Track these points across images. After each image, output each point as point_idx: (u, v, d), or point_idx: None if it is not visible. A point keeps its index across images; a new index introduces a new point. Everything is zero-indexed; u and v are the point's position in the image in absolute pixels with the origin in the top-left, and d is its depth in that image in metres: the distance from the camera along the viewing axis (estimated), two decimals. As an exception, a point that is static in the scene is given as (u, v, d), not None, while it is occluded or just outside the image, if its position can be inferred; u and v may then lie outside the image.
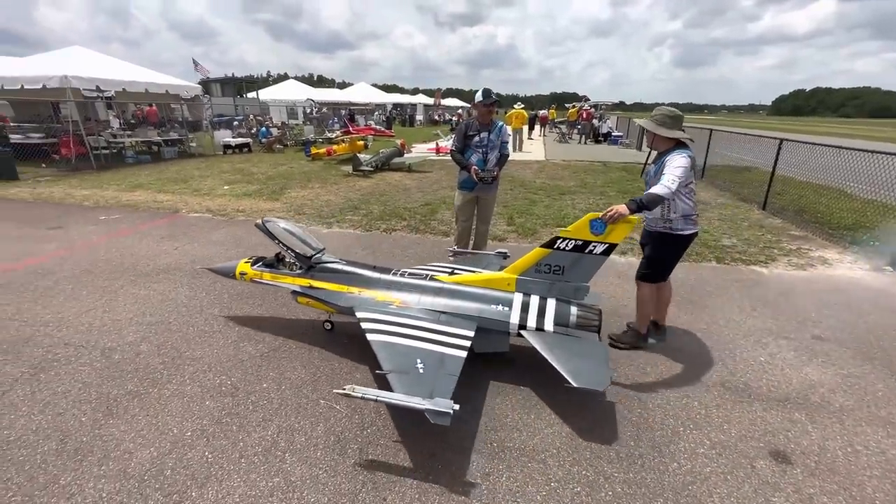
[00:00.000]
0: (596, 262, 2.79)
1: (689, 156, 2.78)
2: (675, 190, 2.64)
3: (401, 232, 6.11)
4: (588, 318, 2.74)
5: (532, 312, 2.78)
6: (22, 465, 2.10)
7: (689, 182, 2.85)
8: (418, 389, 2.17)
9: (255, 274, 3.34)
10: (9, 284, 4.17)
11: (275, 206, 7.41)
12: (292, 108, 28.31)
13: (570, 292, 2.85)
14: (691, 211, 2.93)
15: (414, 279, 3.09)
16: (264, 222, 3.32)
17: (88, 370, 2.85)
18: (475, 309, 2.85)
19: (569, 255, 2.79)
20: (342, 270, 3.17)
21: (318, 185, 9.54)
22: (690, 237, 3.00)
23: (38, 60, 12.82)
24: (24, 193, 8.31)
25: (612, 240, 2.72)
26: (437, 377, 2.29)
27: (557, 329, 2.74)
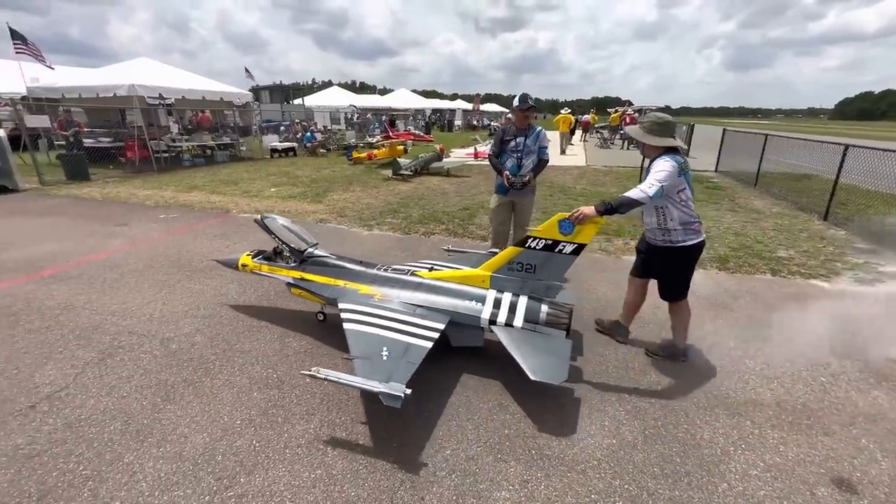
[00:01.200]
0: (566, 261, 2.87)
1: (675, 161, 2.70)
2: (651, 195, 2.59)
3: (439, 235, 6.16)
4: (558, 315, 2.80)
5: (503, 309, 2.87)
6: (91, 443, 2.28)
7: (681, 189, 2.76)
8: (377, 374, 2.30)
9: (254, 266, 3.55)
10: (81, 276, 4.54)
11: (318, 209, 7.66)
12: (335, 114, 29.21)
13: (541, 290, 2.92)
14: (690, 219, 2.81)
15: (396, 274, 3.22)
16: (263, 218, 3.54)
17: (149, 358, 3.06)
18: (449, 304, 2.97)
19: (540, 254, 2.87)
20: (331, 264, 3.36)
21: (359, 188, 9.78)
22: (695, 247, 2.87)
23: (109, 71, 13.95)
24: (95, 193, 9.02)
25: (580, 240, 2.79)
26: (397, 364, 2.41)
27: (527, 325, 2.80)
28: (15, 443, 2.27)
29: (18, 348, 3.15)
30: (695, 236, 2.85)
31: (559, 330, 2.79)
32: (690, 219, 2.81)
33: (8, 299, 3.96)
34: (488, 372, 2.94)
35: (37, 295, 4.06)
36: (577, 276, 4.64)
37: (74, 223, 6.66)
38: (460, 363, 3.03)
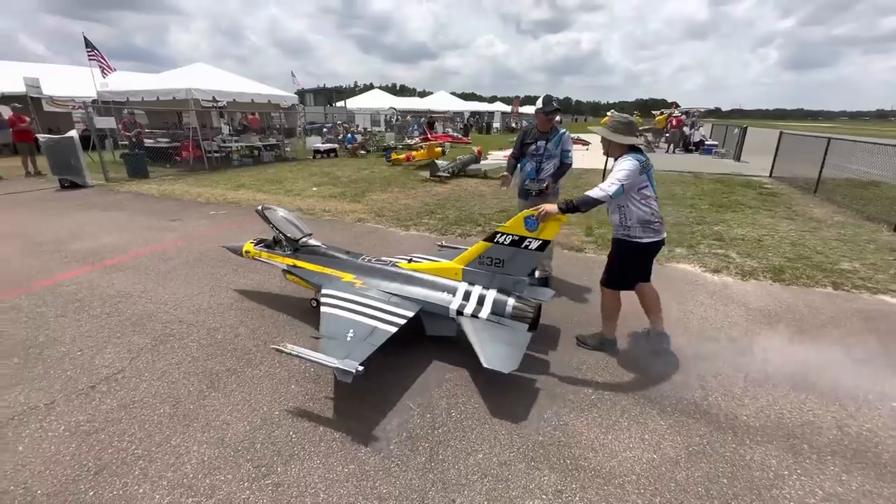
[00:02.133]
0: (532, 256, 2.96)
1: (637, 160, 2.76)
2: (612, 193, 2.66)
3: (475, 237, 6.13)
4: (523, 309, 2.90)
5: (472, 301, 2.98)
6: (143, 423, 2.42)
7: (643, 187, 2.81)
8: (337, 352, 2.45)
9: (255, 253, 3.83)
10: (138, 267, 4.85)
11: (357, 208, 7.82)
12: (375, 116, 29.85)
13: (509, 284, 3.03)
14: (649, 218, 2.84)
15: (377, 264, 3.41)
16: (263, 209, 3.80)
17: (197, 346, 3.22)
18: (421, 294, 3.11)
19: (507, 250, 2.99)
20: (321, 253, 3.59)
21: (398, 189, 9.91)
22: (650, 245, 2.90)
23: (169, 76, 14.86)
24: (153, 189, 9.63)
25: (544, 236, 2.90)
26: (358, 345, 2.56)
27: (492, 317, 2.90)
28: (77, 419, 2.44)
29: (83, 332, 3.40)
30: (653, 235, 2.88)
31: (523, 323, 2.87)
32: (651, 217, 2.84)
33: (75, 286, 4.28)
34: (524, 377, 2.88)
35: (100, 283, 4.37)
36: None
37: (133, 217, 7.13)
38: (494, 366, 2.99)
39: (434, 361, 3.05)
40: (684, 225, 6.71)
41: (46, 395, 2.65)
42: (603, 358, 3.12)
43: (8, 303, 3.90)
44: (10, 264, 4.90)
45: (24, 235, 6.07)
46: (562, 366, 3.03)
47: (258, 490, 2.02)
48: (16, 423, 2.40)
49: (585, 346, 3.26)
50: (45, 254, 5.28)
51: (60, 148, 9.71)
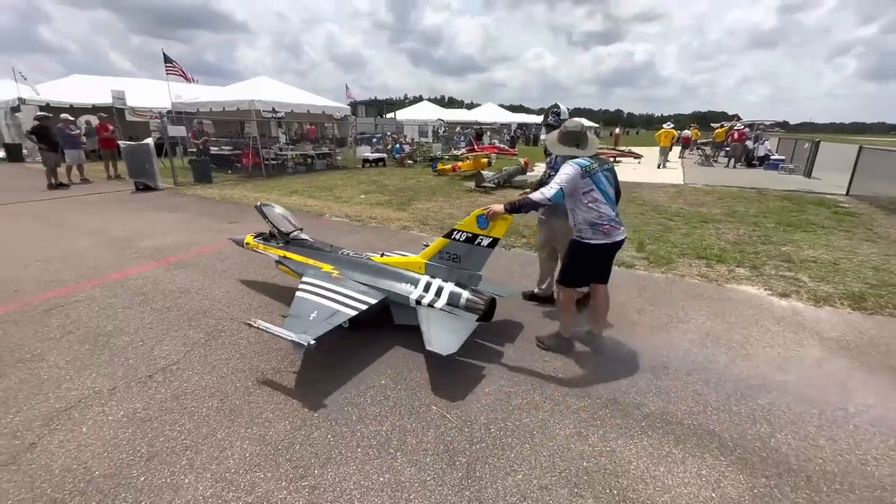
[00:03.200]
0: (484, 253, 3.17)
1: (578, 165, 2.84)
2: (550, 197, 2.76)
3: (519, 249, 6.02)
4: (475, 302, 3.10)
5: (431, 292, 3.19)
6: (192, 415, 2.52)
7: (587, 190, 2.87)
8: (296, 328, 2.73)
9: (254, 244, 4.21)
10: (197, 265, 5.15)
11: (402, 216, 7.93)
12: (423, 127, 30.41)
13: (465, 278, 3.25)
14: (596, 221, 2.90)
15: (353, 257, 3.72)
16: (261, 205, 4.17)
17: (245, 344, 3.33)
18: (387, 284, 3.38)
19: (463, 246, 3.19)
20: (308, 246, 3.93)
21: (443, 198, 9.97)
22: (599, 247, 2.96)
23: (235, 88, 15.91)
24: (214, 193, 10.27)
25: (494, 234, 3.09)
26: (318, 323, 2.82)
27: (446, 308, 3.11)
28: (134, 406, 2.58)
29: (145, 324, 3.63)
30: (602, 237, 2.93)
31: (473, 314, 3.07)
32: (598, 220, 2.89)
33: (141, 281, 4.60)
34: (566, 394, 2.75)
35: (163, 279, 4.68)
36: (671, 302, 4.21)
37: (196, 219, 7.62)
38: (537, 382, 2.87)
39: (474, 375, 2.98)
40: (746, 244, 6.24)
41: (110, 381, 2.83)
42: (654, 382, 2.92)
43: (86, 293, 4.25)
44: (88, 257, 5.36)
45: (103, 232, 6.64)
46: (609, 389, 2.86)
47: (295, 491, 2.03)
48: (82, 406, 2.58)
49: (542, 347, 3.30)
50: (118, 249, 5.74)
51: (137, 154, 10.61)
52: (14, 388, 2.75)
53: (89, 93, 17.97)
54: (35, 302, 4.02)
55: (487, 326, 3.41)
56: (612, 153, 20.65)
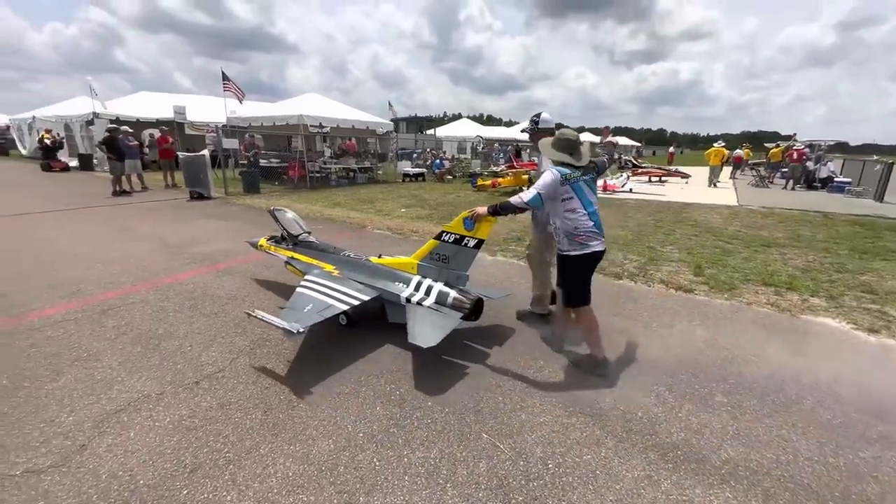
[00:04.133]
0: (470, 254, 3.26)
1: (558, 172, 2.84)
2: (527, 201, 2.84)
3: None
4: (461, 301, 3.18)
5: (421, 291, 3.29)
6: (236, 426, 2.45)
7: (566, 198, 2.86)
8: (289, 318, 2.93)
9: (266, 246, 4.48)
10: (245, 272, 5.23)
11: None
12: (462, 144, 30.63)
13: (453, 278, 3.33)
14: (572, 231, 2.88)
15: (353, 258, 3.91)
16: (274, 210, 4.49)
17: (290, 353, 3.28)
18: (381, 283, 3.53)
19: (451, 247, 3.29)
20: (314, 247, 4.18)
21: (501, 220, 9.84)
22: (578, 259, 2.92)
23: (285, 104, 16.60)
24: (262, 203, 10.61)
25: (479, 235, 3.20)
26: (310, 315, 3.01)
27: (433, 306, 3.20)
28: (180, 413, 2.55)
29: (194, 329, 3.66)
30: (579, 248, 2.89)
31: (457, 312, 3.14)
32: (575, 230, 2.86)
33: (191, 286, 4.71)
34: (630, 430, 2.49)
35: (212, 284, 4.76)
36: (739, 332, 3.84)
37: (244, 227, 7.83)
38: (595, 413, 2.63)
39: (525, 402, 2.77)
40: (818, 271, 5.70)
41: (158, 385, 2.83)
42: (730, 423, 2.60)
43: (140, 295, 4.38)
44: (144, 261, 5.56)
45: (158, 237, 6.93)
46: (678, 427, 2.57)
47: (339, 519, 1.89)
48: (131, 410, 2.57)
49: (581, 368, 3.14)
50: (172, 254, 5.95)
51: (194, 164, 11.18)
52: (70, 386, 2.79)
53: (154, 108, 19.27)
54: (94, 302, 4.17)
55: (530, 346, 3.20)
56: (657, 172, 19.94)
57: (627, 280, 5.31)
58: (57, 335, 3.47)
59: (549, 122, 3.83)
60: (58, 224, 7.85)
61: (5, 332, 3.50)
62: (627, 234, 7.82)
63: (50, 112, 21.47)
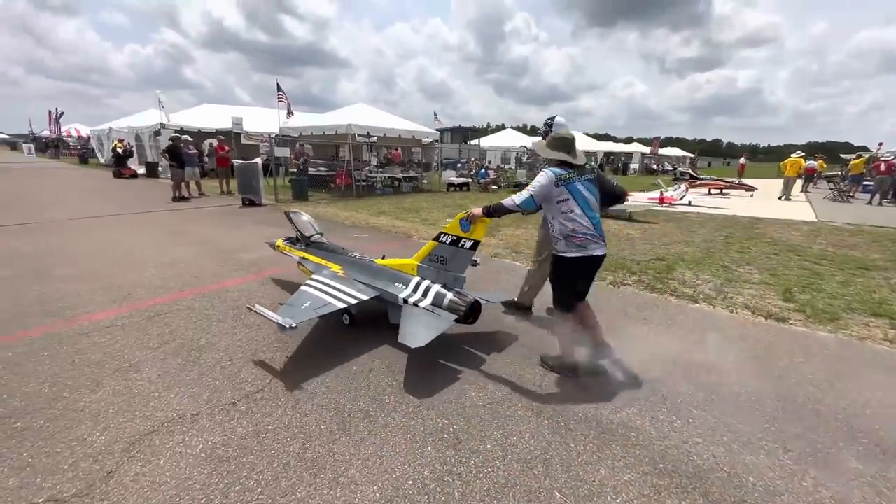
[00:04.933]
0: (466, 255, 3.23)
1: (553, 173, 2.77)
2: (519, 203, 2.81)
3: (631, 287, 5.21)
4: (457, 303, 3.12)
5: (419, 292, 3.27)
6: (272, 461, 2.18)
7: (562, 200, 2.78)
8: (286, 313, 2.97)
9: (283, 247, 4.63)
10: (289, 280, 5.09)
11: (492, 242, 7.47)
12: (506, 154, 30.28)
13: (451, 280, 3.29)
14: (570, 233, 2.78)
15: (358, 259, 3.96)
16: (290, 212, 4.72)
17: (332, 377, 2.99)
18: (381, 284, 3.54)
19: (449, 248, 3.27)
20: (323, 248, 4.27)
21: (532, 225, 9.37)
22: (575, 261, 2.82)
23: (334, 114, 16.93)
24: (309, 210, 10.66)
25: (475, 237, 3.16)
26: (306, 311, 3.08)
27: (429, 307, 3.16)
28: (214, 440, 2.32)
29: (236, 341, 3.49)
30: (577, 250, 2.80)
31: (452, 314, 3.09)
32: (571, 232, 2.77)
33: (236, 293, 4.60)
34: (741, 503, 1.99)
35: (257, 293, 4.64)
36: (855, 373, 3.18)
37: (291, 234, 7.82)
38: (689, 473, 2.14)
39: (605, 450, 2.33)
40: None
41: (194, 404, 2.63)
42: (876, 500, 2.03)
43: (187, 302, 4.31)
44: (193, 266, 5.57)
45: (210, 241, 7.02)
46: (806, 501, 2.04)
47: None
48: (164, 432, 2.37)
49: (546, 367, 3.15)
50: (220, 259, 5.95)
51: (247, 171, 11.49)
52: (107, 400, 2.65)
53: (215, 119, 20.30)
54: (142, 307, 4.13)
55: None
56: (718, 184, 18.61)
57: (704, 304, 4.69)
58: (103, 341, 3.40)
59: (563, 124, 3.69)
60: (121, 227, 8.19)
61: (57, 336, 3.47)
62: (695, 252, 7.10)
63: (124, 123, 23.20)
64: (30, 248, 6.29)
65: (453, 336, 3.61)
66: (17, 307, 4.04)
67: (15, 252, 6.07)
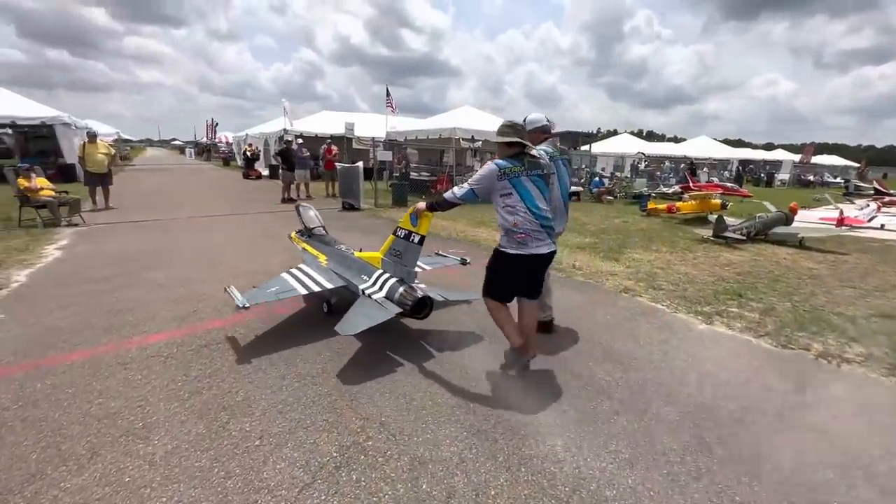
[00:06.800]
0: (415, 249, 3.25)
1: (496, 165, 2.70)
2: (459, 196, 2.83)
3: (854, 367, 3.34)
4: (405, 297, 3.16)
5: (377, 284, 3.37)
6: None
7: (504, 193, 2.70)
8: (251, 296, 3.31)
9: (295, 238, 4.85)
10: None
11: (616, 270, 5.91)
12: (619, 161, 27.64)
13: (404, 274, 3.33)
14: (511, 228, 2.70)
15: (341, 251, 4.16)
16: (298, 206, 4.99)
17: (391, 489, 1.96)
18: (349, 274, 3.72)
19: (402, 242, 3.32)
20: (319, 240, 4.55)
21: (665, 248, 7.52)
22: (515, 258, 2.73)
23: (439, 118, 16.46)
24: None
25: (421, 231, 3.17)
26: (268, 294, 3.37)
27: (380, 299, 3.24)
28: None
29: (275, 402, 2.61)
30: (516, 247, 2.72)
31: (398, 307, 3.11)
32: (512, 227, 2.69)
33: (301, 322, 3.84)
34: None
35: (324, 325, 3.83)
36: None
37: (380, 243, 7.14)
38: None
39: None
40: None
41: (190, 520, 1.77)
42: None
43: (244, 328, 3.64)
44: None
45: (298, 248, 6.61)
46: None
47: None
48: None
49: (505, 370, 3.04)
50: (302, 272, 5.39)
51: (349, 175, 11.34)
52: (89, 489, 1.92)
53: (332, 125, 21.34)
54: (199, 331, 3.56)
55: None
56: None
57: None
58: (135, 379, 2.80)
59: (536, 121, 3.55)
60: (226, 228, 8.33)
61: (96, 365, 2.97)
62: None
63: (256, 130, 25.76)
64: (142, 247, 6.45)
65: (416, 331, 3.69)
66: (86, 319, 3.74)
67: (127, 250, 6.24)
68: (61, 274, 5.06)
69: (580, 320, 4.08)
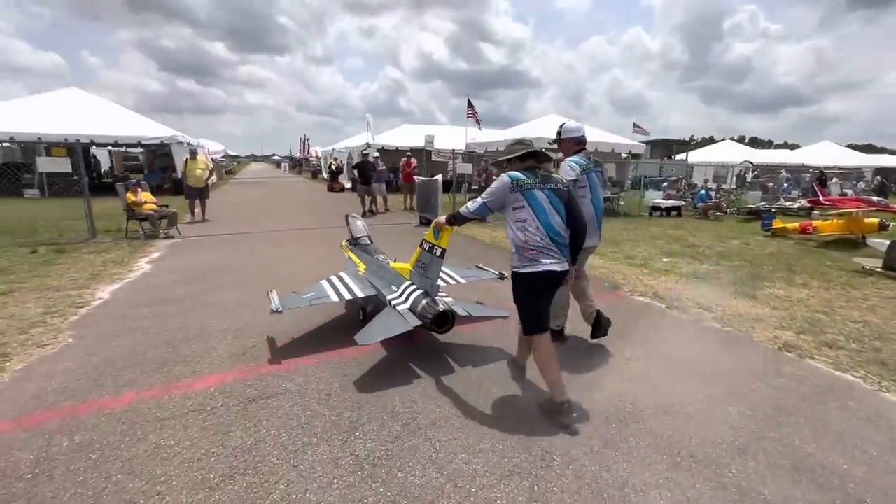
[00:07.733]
0: (438, 262, 3.25)
1: (510, 178, 2.59)
2: (473, 210, 2.76)
3: None
4: (426, 310, 3.13)
5: (403, 295, 3.40)
6: None
7: (517, 207, 2.58)
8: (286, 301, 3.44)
9: (344, 247, 5.08)
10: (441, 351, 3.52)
11: (761, 314, 4.56)
12: (719, 170, 24.45)
13: (428, 286, 3.33)
14: (522, 244, 2.58)
15: (378, 259, 4.30)
16: (348, 215, 5.44)
17: None
18: (381, 284, 3.78)
19: (427, 255, 3.33)
20: (363, 249, 4.68)
21: (817, 281, 5.90)
22: (528, 276, 2.57)
23: (522, 127, 15.65)
24: (486, 236, 9.24)
25: (441, 245, 3.18)
26: (303, 301, 3.53)
27: (404, 311, 3.24)
28: None
29: (327, 498, 1.96)
30: (529, 264, 2.57)
31: (418, 320, 3.11)
32: (524, 244, 2.57)
33: (377, 374, 3.19)
34: None
35: (397, 375, 3.17)
36: None
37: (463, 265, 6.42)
38: None
39: None
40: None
41: None
42: None
43: (301, 378, 3.03)
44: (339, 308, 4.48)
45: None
46: None
47: None
48: None
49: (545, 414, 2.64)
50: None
51: (427, 188, 10.89)
52: None
53: (412, 138, 21.48)
54: (251, 376, 3.04)
55: None
56: None
57: None
58: (167, 446, 2.29)
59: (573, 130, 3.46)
60: (305, 242, 8.20)
61: (130, 419, 2.51)
62: None
63: (342, 145, 26.87)
64: (221, 262, 6.42)
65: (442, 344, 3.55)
66: (142, 351, 3.42)
67: (207, 265, 6.22)
68: (140, 290, 5.03)
69: (735, 398, 2.92)
